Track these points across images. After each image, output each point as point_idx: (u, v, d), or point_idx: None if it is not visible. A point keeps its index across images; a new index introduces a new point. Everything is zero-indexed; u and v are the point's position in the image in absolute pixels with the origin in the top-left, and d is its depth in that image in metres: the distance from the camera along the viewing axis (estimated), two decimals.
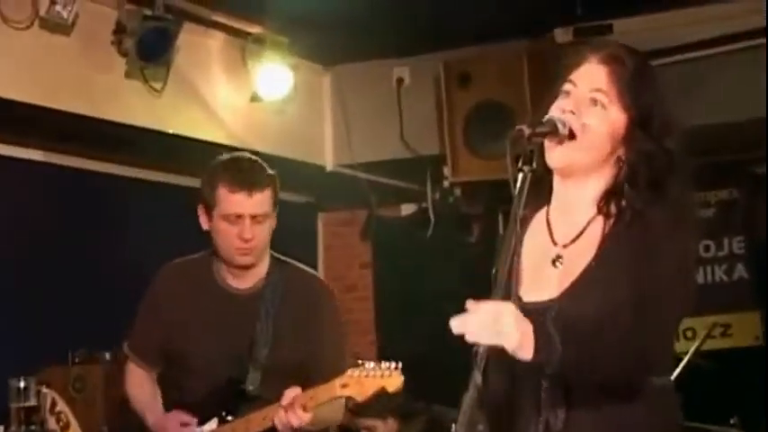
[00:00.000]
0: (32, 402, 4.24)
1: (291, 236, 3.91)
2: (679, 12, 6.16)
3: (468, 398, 2.30)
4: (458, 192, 7.20)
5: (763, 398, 6.18)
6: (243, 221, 3.69)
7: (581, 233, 2.59)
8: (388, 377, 3.40)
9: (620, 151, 2.57)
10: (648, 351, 2.44)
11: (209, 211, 3.76)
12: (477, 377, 2.30)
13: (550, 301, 2.53)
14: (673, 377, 2.65)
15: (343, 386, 3.45)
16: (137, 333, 4.01)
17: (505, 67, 6.48)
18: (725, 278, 7.07)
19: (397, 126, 7.00)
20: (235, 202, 3.70)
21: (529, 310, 2.51)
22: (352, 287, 7.92)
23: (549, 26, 6.27)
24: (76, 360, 5.54)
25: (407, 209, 7.82)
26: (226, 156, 3.84)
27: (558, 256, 2.60)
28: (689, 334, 6.11)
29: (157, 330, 3.91)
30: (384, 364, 3.42)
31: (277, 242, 3.93)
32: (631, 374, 2.44)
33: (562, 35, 6.21)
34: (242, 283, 3.84)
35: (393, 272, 7.68)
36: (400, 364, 3.41)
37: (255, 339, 3.74)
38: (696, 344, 5.57)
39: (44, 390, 4.61)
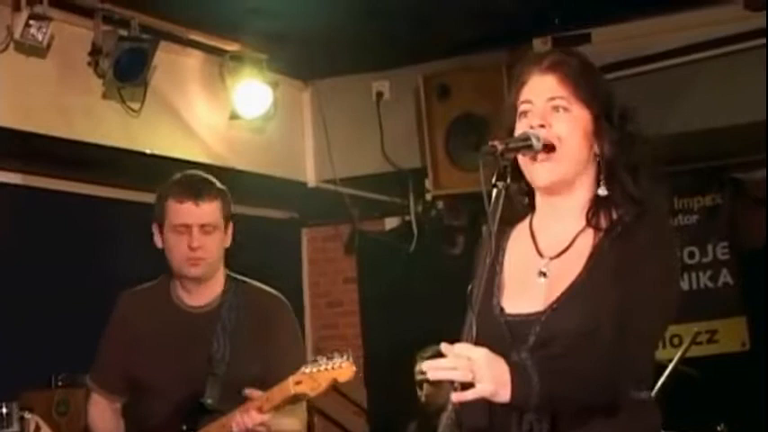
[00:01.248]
0: (15, 428, 4.22)
1: (276, 252, 3.91)
2: (656, 20, 6.17)
3: (446, 417, 2.29)
4: (440, 204, 7.20)
5: (750, 404, 6.17)
6: (191, 231, 3.74)
7: (569, 246, 2.56)
8: (339, 368, 3.45)
9: (595, 148, 2.57)
10: (631, 364, 2.43)
11: (161, 227, 3.82)
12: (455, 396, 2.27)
13: (538, 313, 2.50)
14: (659, 384, 2.64)
15: (297, 383, 3.49)
16: (98, 364, 4.02)
17: (484, 78, 6.47)
18: (710, 284, 7.07)
19: (378, 140, 6.99)
20: (182, 211, 3.75)
21: (513, 323, 2.51)
22: (337, 302, 7.90)
23: (528, 37, 6.26)
24: (59, 383, 5.51)
25: (391, 222, 7.82)
26: (177, 175, 3.90)
27: (545, 268, 2.57)
28: (675, 341, 6.09)
29: (118, 360, 3.91)
30: (336, 357, 3.46)
31: (262, 258, 3.95)
32: (614, 390, 2.42)
33: (541, 46, 6.20)
34: (197, 300, 3.85)
35: (378, 286, 7.66)
36: (350, 353, 3.48)
37: (212, 355, 3.75)
38: (682, 351, 5.56)
39: (27, 415, 4.58)
